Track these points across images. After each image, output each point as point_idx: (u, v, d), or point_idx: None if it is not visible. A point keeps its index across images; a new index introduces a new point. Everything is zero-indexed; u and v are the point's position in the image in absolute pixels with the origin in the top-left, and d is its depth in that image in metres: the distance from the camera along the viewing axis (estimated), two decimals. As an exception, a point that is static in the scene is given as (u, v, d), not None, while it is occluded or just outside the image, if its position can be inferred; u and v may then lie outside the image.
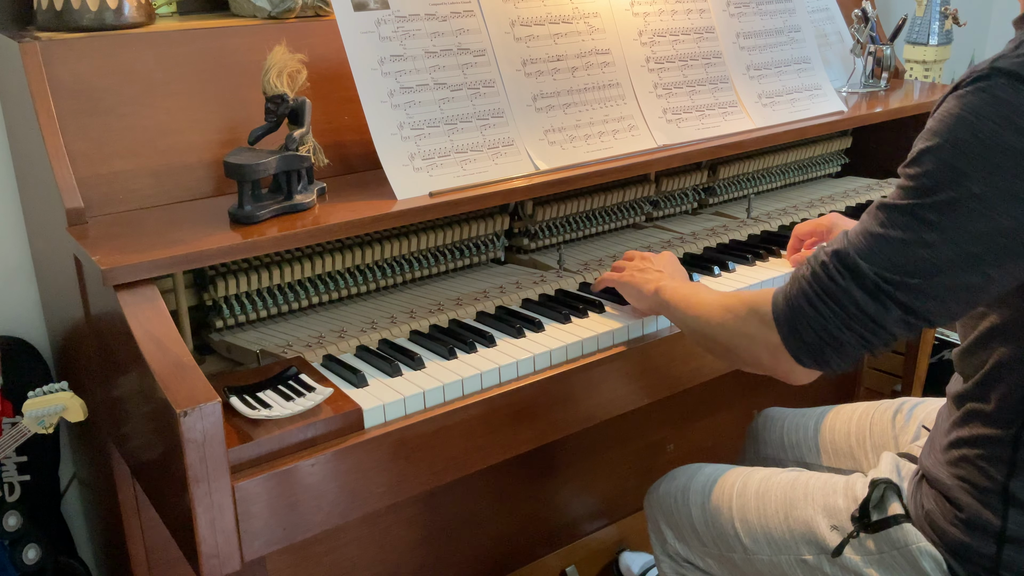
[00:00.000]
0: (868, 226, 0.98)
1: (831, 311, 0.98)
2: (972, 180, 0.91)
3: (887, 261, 0.95)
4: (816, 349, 1.01)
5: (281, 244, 1.21)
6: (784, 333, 1.03)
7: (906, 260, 0.94)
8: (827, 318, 0.99)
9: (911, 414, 1.40)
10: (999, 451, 1.03)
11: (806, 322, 1.00)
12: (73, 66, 1.28)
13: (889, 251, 0.95)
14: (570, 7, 1.56)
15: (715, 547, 1.32)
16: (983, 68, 0.93)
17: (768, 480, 1.29)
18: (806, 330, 1.01)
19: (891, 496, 1.14)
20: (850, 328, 0.98)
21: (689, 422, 2.12)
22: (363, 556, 1.69)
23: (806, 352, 1.02)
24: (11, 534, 1.52)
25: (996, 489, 1.04)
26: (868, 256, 0.96)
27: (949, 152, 0.92)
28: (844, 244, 0.99)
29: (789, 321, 1.02)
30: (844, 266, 0.97)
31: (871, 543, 1.14)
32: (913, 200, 0.94)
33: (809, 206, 1.90)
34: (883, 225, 0.96)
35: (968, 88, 0.93)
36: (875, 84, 2.10)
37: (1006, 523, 1.03)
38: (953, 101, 0.94)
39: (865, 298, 0.96)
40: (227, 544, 1.01)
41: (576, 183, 1.47)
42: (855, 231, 0.99)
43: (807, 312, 1.00)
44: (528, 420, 1.23)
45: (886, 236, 0.95)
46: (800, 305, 1.01)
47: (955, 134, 0.92)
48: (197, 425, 0.96)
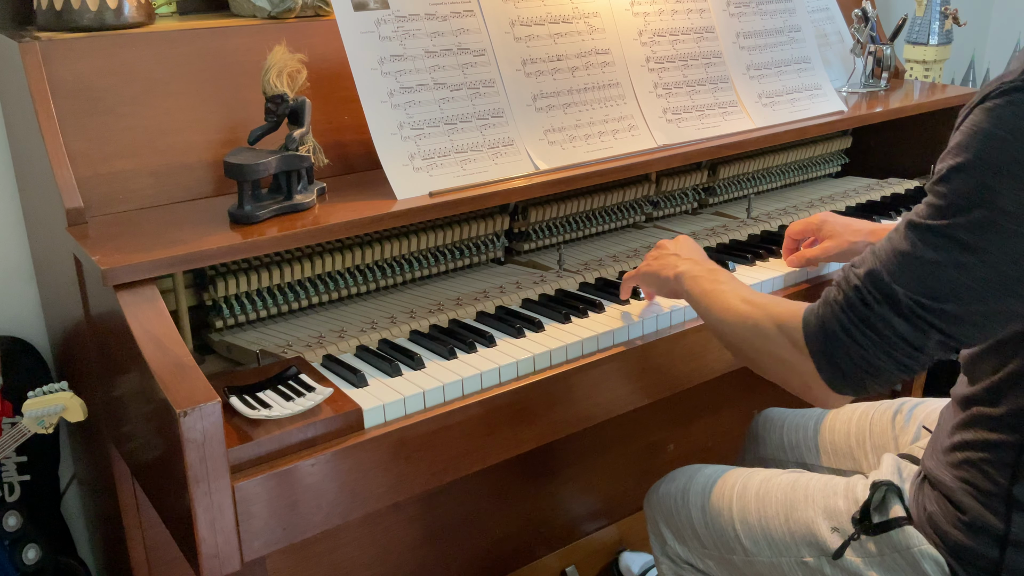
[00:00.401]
0: (899, 246, 0.94)
1: (868, 340, 0.95)
2: (1006, 199, 0.87)
3: (922, 285, 0.92)
4: (852, 376, 0.98)
5: (281, 244, 1.21)
6: (820, 362, 0.99)
7: (941, 284, 0.91)
8: (865, 347, 0.96)
9: (911, 414, 1.40)
10: (1004, 456, 1.03)
11: (843, 351, 0.97)
12: (73, 66, 1.28)
13: (923, 274, 0.92)
14: (570, 7, 1.56)
15: (715, 549, 1.32)
16: (1013, 79, 0.89)
17: (768, 481, 1.29)
18: (844, 359, 0.97)
19: (892, 498, 1.13)
20: (889, 355, 0.95)
21: (689, 422, 2.12)
22: (363, 556, 1.69)
23: (841, 380, 0.99)
24: (11, 534, 1.52)
25: (1000, 493, 1.03)
26: (902, 280, 0.93)
27: (981, 170, 0.88)
28: (875, 265, 0.96)
29: (825, 351, 0.99)
30: (879, 291, 0.94)
31: (872, 545, 1.13)
32: (946, 220, 0.91)
33: (809, 206, 1.90)
34: (915, 246, 0.93)
35: (998, 100, 0.89)
36: (875, 84, 2.10)
37: (1009, 527, 1.03)
38: (982, 114, 0.90)
39: (903, 325, 0.93)
40: (227, 544, 1.01)
41: (576, 183, 1.47)
42: (885, 251, 0.96)
43: (843, 341, 0.97)
44: (528, 420, 1.23)
45: (919, 258, 0.92)
46: (835, 333, 0.97)
47: (986, 151, 0.88)
48: (197, 425, 0.96)
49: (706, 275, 1.23)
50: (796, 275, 1.53)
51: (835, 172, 2.16)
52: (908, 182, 2.04)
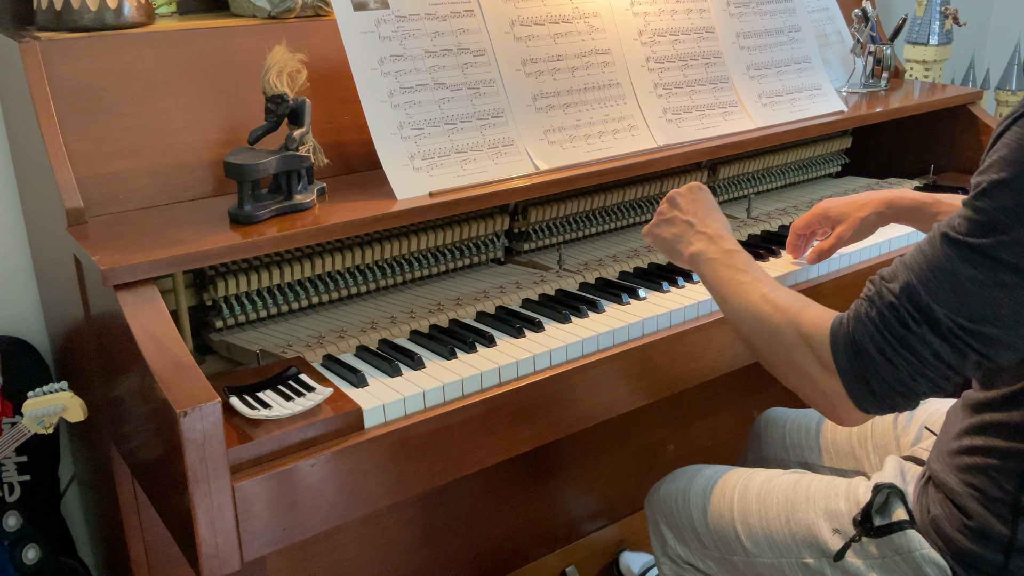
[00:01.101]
0: (935, 261, 0.90)
1: (905, 361, 0.91)
2: None
3: (961, 305, 0.88)
4: (885, 398, 0.94)
5: (281, 244, 1.21)
6: (850, 382, 0.95)
7: (983, 305, 0.88)
8: (900, 368, 0.92)
9: (912, 415, 1.40)
10: (1014, 464, 1.02)
11: (876, 372, 0.93)
12: (73, 66, 1.28)
13: (963, 294, 0.88)
14: (570, 7, 1.56)
15: (716, 549, 1.32)
16: None
17: (769, 482, 1.29)
18: (876, 380, 0.93)
19: (895, 501, 1.12)
20: (924, 376, 0.92)
21: (689, 422, 2.12)
22: (363, 556, 1.69)
23: (872, 401, 0.95)
24: (11, 534, 1.52)
25: (1007, 500, 1.02)
26: (941, 299, 0.89)
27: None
28: (911, 279, 0.92)
29: (857, 371, 0.94)
30: (917, 310, 0.90)
31: (873, 548, 1.12)
32: (987, 239, 0.87)
33: (809, 206, 1.89)
34: (953, 263, 0.89)
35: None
36: (875, 84, 2.10)
37: (1015, 534, 1.02)
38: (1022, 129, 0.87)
39: (943, 346, 0.89)
40: (227, 544, 1.01)
41: (576, 183, 1.47)
42: (920, 265, 0.92)
43: (878, 361, 0.92)
44: (528, 420, 1.23)
45: (956, 274, 0.89)
46: (869, 352, 0.93)
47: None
48: (197, 425, 0.96)
49: (723, 258, 1.17)
50: (796, 274, 1.53)
51: (835, 172, 2.15)
52: (908, 182, 2.04)
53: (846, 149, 2.13)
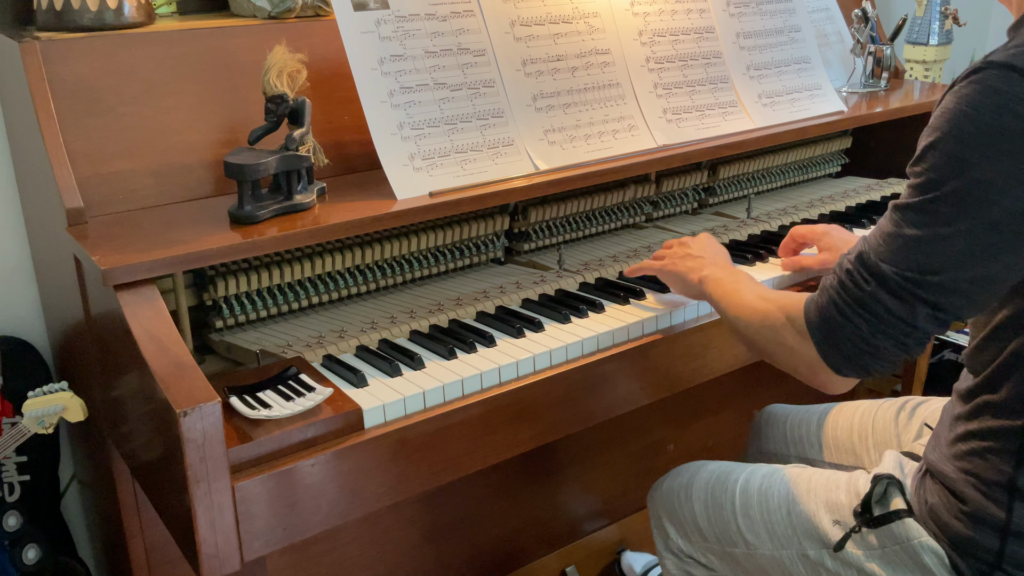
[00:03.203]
0: (885, 228, 0.99)
1: (862, 319, 0.99)
2: (977, 168, 0.92)
3: (907, 260, 0.96)
4: (854, 358, 1.01)
5: (281, 244, 1.21)
6: (820, 346, 1.03)
7: (924, 257, 0.95)
8: (860, 326, 0.99)
9: (914, 412, 1.41)
10: (1008, 443, 1.04)
11: (840, 333, 1.01)
12: (73, 66, 1.28)
13: (907, 250, 0.96)
14: (570, 7, 1.56)
15: (717, 543, 1.32)
16: (977, 63, 0.95)
17: (771, 476, 1.30)
18: (842, 341, 1.01)
19: (893, 491, 1.15)
20: (884, 333, 0.98)
21: (689, 422, 2.12)
22: (363, 556, 1.69)
23: (844, 363, 1.02)
24: (11, 534, 1.52)
25: (1003, 482, 1.04)
26: (888, 258, 0.97)
27: (952, 144, 0.94)
28: (864, 248, 1.01)
29: (824, 333, 1.03)
30: (868, 271, 0.99)
31: (873, 538, 1.14)
32: (923, 196, 0.96)
33: (809, 206, 1.90)
34: (898, 225, 0.98)
35: (963, 83, 0.95)
36: (875, 84, 2.10)
37: (1011, 517, 1.04)
38: (950, 97, 0.96)
39: (893, 301, 0.97)
40: (227, 544, 1.01)
41: (576, 183, 1.47)
42: (873, 234, 1.01)
43: (840, 322, 1.01)
44: (528, 420, 1.23)
45: (903, 235, 0.97)
46: (832, 316, 1.01)
47: (955, 126, 0.93)
48: (197, 425, 0.96)
49: (727, 277, 1.26)
50: (796, 275, 1.54)
51: (835, 172, 2.16)
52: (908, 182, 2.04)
53: (846, 149, 2.13)
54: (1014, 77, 0.91)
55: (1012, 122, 0.91)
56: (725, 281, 1.25)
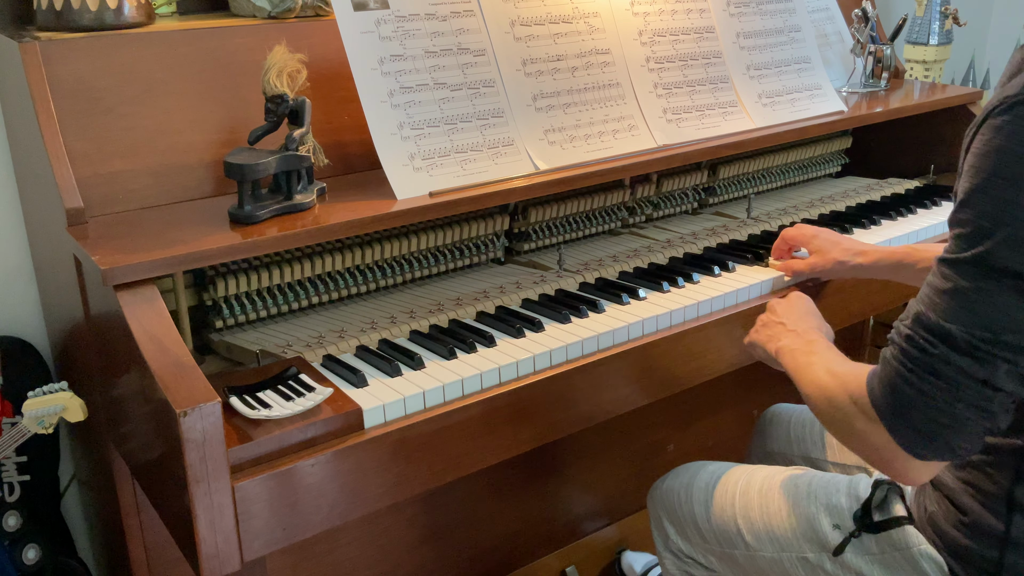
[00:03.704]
0: (939, 286, 0.91)
1: (936, 387, 0.89)
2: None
3: (974, 318, 0.88)
4: (932, 435, 0.91)
5: (281, 244, 1.21)
6: (893, 425, 0.93)
7: (995, 312, 0.87)
8: (934, 396, 0.89)
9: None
10: (1006, 459, 1.03)
11: (913, 406, 0.91)
12: (73, 66, 1.28)
13: (971, 305, 0.88)
14: (570, 7, 1.56)
15: (717, 544, 1.32)
16: (1016, 92, 0.87)
17: (772, 478, 1.29)
18: (916, 416, 0.91)
19: (894, 497, 1.14)
20: (961, 400, 0.89)
21: (689, 422, 2.12)
22: (363, 556, 1.69)
23: (921, 442, 0.92)
24: (11, 534, 1.52)
25: (1001, 495, 1.03)
26: (952, 317, 0.88)
27: (1001, 187, 0.86)
28: (920, 309, 0.92)
29: (893, 410, 0.92)
30: (932, 334, 0.90)
31: (873, 543, 1.14)
32: (975, 248, 0.88)
33: (809, 206, 1.89)
34: (954, 280, 0.89)
35: (1005, 117, 0.87)
36: (875, 84, 2.10)
37: (1010, 528, 1.03)
38: (990, 132, 0.88)
39: (968, 361, 0.88)
40: (227, 544, 1.01)
41: (576, 183, 1.47)
42: (927, 294, 0.92)
43: (910, 395, 0.91)
44: (528, 420, 1.23)
45: (958, 290, 0.88)
46: (900, 388, 0.91)
47: (1002, 167, 0.86)
48: (197, 425, 0.96)
49: (802, 347, 1.16)
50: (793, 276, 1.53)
51: (835, 172, 2.15)
52: (908, 182, 2.04)
53: (846, 149, 2.13)
54: None
55: None
56: (799, 353, 1.15)
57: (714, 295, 1.43)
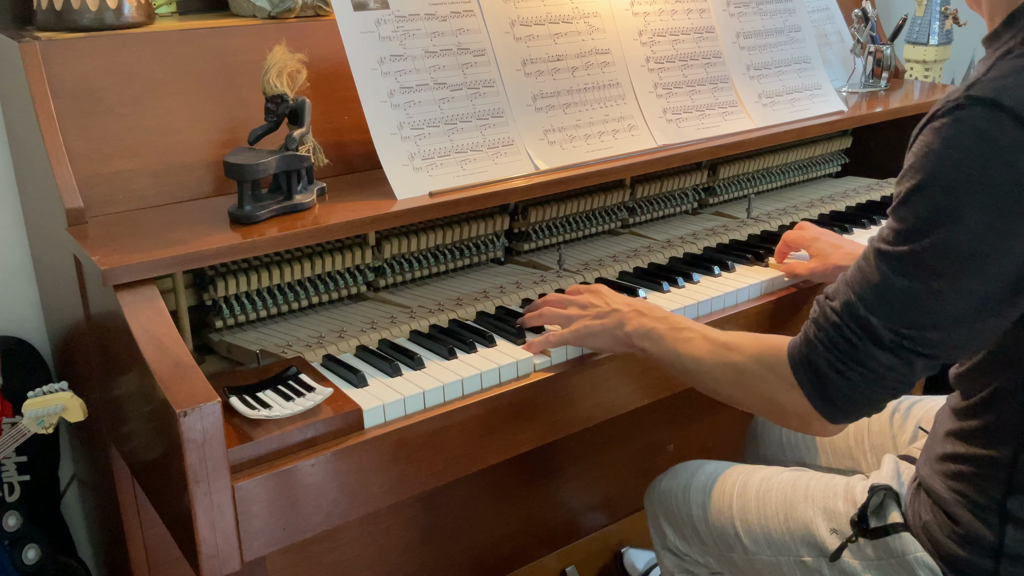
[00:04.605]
0: (871, 276, 0.94)
1: (858, 375, 0.96)
2: (968, 220, 0.87)
3: (900, 316, 0.92)
4: (851, 410, 0.99)
5: (281, 244, 1.21)
6: (815, 400, 0.99)
7: (919, 313, 0.91)
8: (855, 382, 0.96)
9: (908, 413, 1.40)
10: (996, 471, 1.02)
11: (835, 388, 0.97)
12: (73, 66, 1.28)
13: (899, 304, 0.92)
14: (570, 7, 1.56)
15: (715, 546, 1.32)
16: (958, 96, 0.88)
17: (769, 480, 1.29)
18: (837, 396, 0.98)
19: (890, 504, 1.13)
20: (880, 386, 0.96)
21: (689, 422, 2.12)
22: (363, 556, 1.69)
23: (840, 414, 1.00)
24: (11, 534, 1.52)
25: (993, 506, 1.03)
26: (879, 312, 0.93)
27: (939, 192, 0.88)
28: (850, 297, 0.95)
29: (816, 388, 0.99)
30: (859, 326, 0.94)
31: (869, 549, 1.13)
32: (911, 245, 0.91)
33: (809, 206, 1.90)
34: (885, 275, 0.92)
35: (945, 120, 0.88)
36: (875, 84, 2.10)
37: (1003, 539, 1.02)
38: (931, 135, 0.90)
39: (889, 357, 0.93)
40: (227, 544, 1.01)
41: (576, 183, 1.47)
42: (858, 281, 0.95)
43: (833, 379, 0.97)
44: (528, 420, 1.23)
45: (892, 287, 0.92)
46: (824, 372, 0.97)
47: (941, 172, 0.88)
48: (197, 425, 0.96)
49: (659, 325, 1.17)
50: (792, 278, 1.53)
51: (835, 172, 2.16)
52: (908, 182, 2.03)
53: (846, 149, 2.13)
54: (1002, 118, 0.84)
55: (1002, 173, 0.84)
56: (662, 331, 1.16)
57: (714, 295, 1.43)
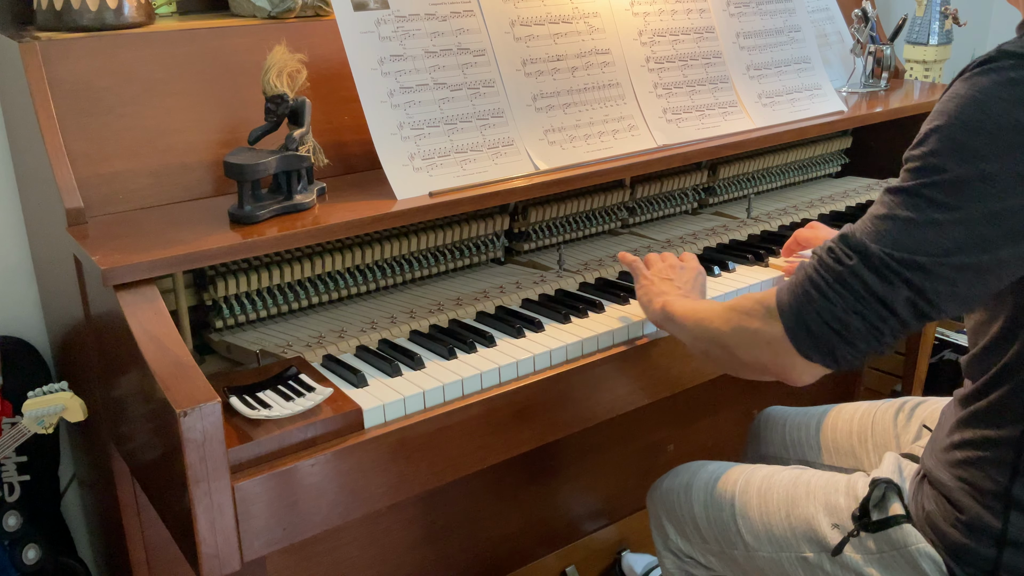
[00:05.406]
0: (875, 211, 0.96)
1: (838, 295, 0.94)
2: (983, 159, 0.89)
3: (895, 241, 0.92)
4: (823, 339, 0.96)
5: (281, 244, 1.21)
6: (789, 323, 0.98)
7: (914, 240, 0.91)
8: (834, 302, 0.94)
9: (913, 413, 1.40)
10: (1003, 454, 1.03)
11: (812, 309, 0.96)
12: (73, 66, 1.28)
13: (896, 231, 0.92)
14: (570, 7, 1.56)
15: (717, 544, 1.32)
16: (991, 53, 0.92)
17: (770, 478, 1.29)
18: (812, 318, 0.96)
19: (892, 496, 1.14)
20: (858, 312, 0.94)
21: (689, 422, 2.12)
22: (363, 556, 1.69)
23: (812, 344, 0.97)
24: (11, 534, 1.52)
25: (998, 492, 1.03)
26: (875, 237, 0.93)
27: (959, 131, 0.90)
28: (849, 229, 0.97)
29: (794, 309, 0.97)
30: (850, 247, 0.95)
31: (871, 542, 1.14)
32: (921, 180, 0.92)
33: (809, 206, 1.90)
34: (890, 207, 0.94)
35: (977, 70, 0.92)
36: (875, 84, 2.10)
37: (1007, 526, 1.03)
38: (960, 84, 0.92)
39: (873, 278, 0.92)
40: (227, 544, 1.01)
41: (576, 183, 1.47)
42: (862, 219, 0.97)
43: (813, 297, 0.96)
44: (528, 420, 1.23)
45: (893, 217, 0.93)
46: (806, 291, 0.97)
47: (964, 113, 0.90)
48: (197, 425, 0.96)
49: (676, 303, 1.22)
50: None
51: (835, 172, 2.16)
52: (908, 182, 2.04)
53: (846, 149, 2.13)
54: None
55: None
56: (689, 302, 1.21)
57: (714, 295, 1.43)
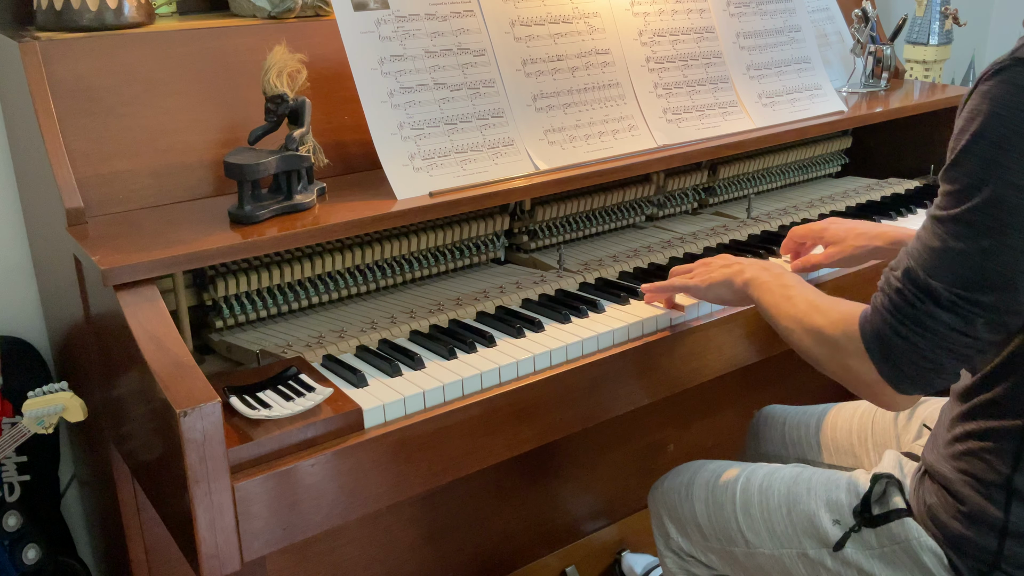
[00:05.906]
0: (927, 241, 0.97)
1: (922, 338, 0.96)
2: (1012, 172, 0.90)
3: (956, 277, 0.94)
4: (917, 377, 0.99)
5: (281, 244, 1.21)
6: (882, 368, 1.00)
7: (973, 273, 0.93)
8: (921, 346, 0.97)
9: (913, 412, 1.41)
10: (1006, 444, 1.04)
11: (900, 354, 0.98)
12: (73, 66, 1.28)
13: (954, 265, 0.94)
14: (570, 7, 1.56)
15: (717, 542, 1.32)
16: (1005, 60, 0.92)
17: (771, 475, 1.30)
18: (904, 362, 0.98)
19: (893, 491, 1.14)
20: (945, 348, 0.96)
21: (689, 422, 2.12)
22: (363, 556, 1.69)
23: (907, 383, 1.00)
24: (11, 534, 1.52)
25: (1000, 483, 1.04)
26: (937, 274, 0.95)
27: (985, 148, 0.92)
28: (910, 263, 0.98)
29: (884, 356, 1.00)
30: (919, 289, 0.96)
31: (872, 537, 1.14)
32: (961, 206, 0.93)
33: (809, 206, 1.89)
34: (940, 238, 0.95)
35: (992, 81, 0.93)
36: (875, 84, 2.10)
37: (1008, 517, 1.04)
38: (978, 97, 0.94)
39: (948, 316, 0.94)
40: (227, 544, 1.01)
41: (576, 183, 1.47)
42: (917, 248, 0.98)
43: (899, 344, 0.98)
44: (528, 420, 1.23)
45: (946, 249, 0.94)
46: (889, 337, 0.98)
47: (987, 129, 0.92)
48: (197, 425, 0.96)
49: (773, 280, 1.22)
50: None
51: (835, 172, 2.16)
52: (908, 182, 2.04)
53: (846, 149, 2.13)
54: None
55: None
56: (773, 285, 1.21)
57: (714, 295, 1.43)
